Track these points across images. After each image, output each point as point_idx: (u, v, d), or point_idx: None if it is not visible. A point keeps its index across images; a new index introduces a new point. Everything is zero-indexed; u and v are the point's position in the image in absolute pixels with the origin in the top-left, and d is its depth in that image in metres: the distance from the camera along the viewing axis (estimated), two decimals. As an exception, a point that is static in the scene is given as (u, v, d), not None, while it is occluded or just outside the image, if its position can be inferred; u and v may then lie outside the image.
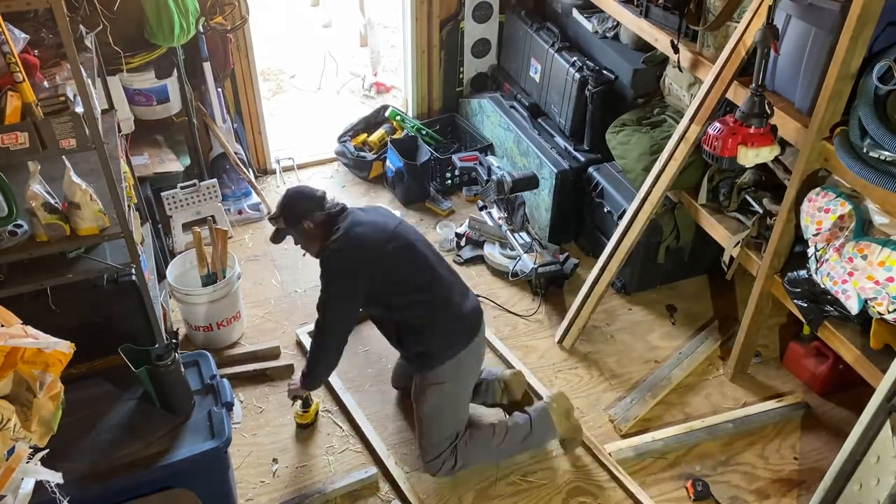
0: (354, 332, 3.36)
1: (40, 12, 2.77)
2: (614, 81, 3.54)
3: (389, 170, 4.20)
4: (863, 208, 2.38)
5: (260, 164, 4.37)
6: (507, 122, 4.03)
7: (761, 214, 2.88)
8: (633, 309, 3.53)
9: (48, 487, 1.57)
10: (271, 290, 3.62)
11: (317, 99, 5.32)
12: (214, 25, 3.59)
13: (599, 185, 3.52)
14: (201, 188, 3.71)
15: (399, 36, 4.57)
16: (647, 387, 3.11)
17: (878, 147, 2.17)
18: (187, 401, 2.37)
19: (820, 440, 2.92)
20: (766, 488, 2.76)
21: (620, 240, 3.11)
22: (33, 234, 2.31)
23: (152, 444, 2.25)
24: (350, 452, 2.87)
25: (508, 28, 4.26)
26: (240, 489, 2.70)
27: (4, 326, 1.55)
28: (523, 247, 3.57)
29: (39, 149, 2.08)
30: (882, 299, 2.25)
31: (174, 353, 2.27)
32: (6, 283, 2.33)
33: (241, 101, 4.07)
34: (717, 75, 2.76)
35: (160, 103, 3.60)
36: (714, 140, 2.50)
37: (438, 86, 4.52)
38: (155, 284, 2.93)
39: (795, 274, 2.63)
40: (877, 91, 2.20)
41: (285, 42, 5.99)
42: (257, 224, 4.03)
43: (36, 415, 1.54)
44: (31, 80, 2.08)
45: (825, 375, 3.03)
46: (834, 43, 2.28)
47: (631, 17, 3.27)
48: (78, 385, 2.36)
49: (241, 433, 2.91)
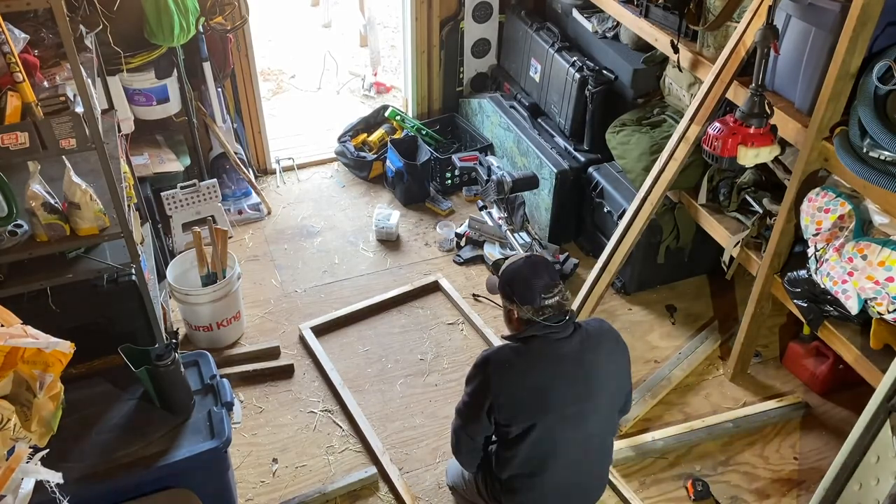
0: (354, 332, 3.38)
1: (40, 12, 2.77)
2: (614, 81, 3.54)
3: (389, 170, 4.20)
4: (863, 208, 2.38)
5: (260, 164, 4.37)
6: (507, 122, 4.03)
7: (761, 214, 2.88)
8: (633, 309, 3.53)
9: (48, 487, 1.56)
10: (271, 290, 3.62)
11: (317, 99, 5.32)
12: (214, 25, 3.59)
13: (599, 185, 3.52)
14: (201, 188, 3.71)
15: (399, 36, 4.58)
16: (646, 387, 3.11)
17: (877, 147, 2.17)
18: (187, 401, 2.36)
19: (820, 440, 2.92)
20: (766, 488, 2.76)
21: (620, 240, 3.11)
22: (33, 234, 2.31)
23: (152, 444, 2.25)
24: (350, 452, 2.87)
25: (508, 28, 4.26)
26: (240, 489, 2.70)
27: (4, 326, 1.55)
28: (523, 247, 3.56)
29: (39, 149, 2.08)
30: (882, 299, 2.25)
31: (174, 353, 2.26)
32: (6, 283, 2.33)
33: (241, 101, 4.07)
34: (717, 75, 2.76)
35: (160, 103, 3.61)
36: (714, 140, 2.50)
37: (438, 86, 4.52)
38: (155, 284, 2.93)
39: (795, 274, 2.63)
40: (877, 91, 2.20)
41: (285, 42, 5.99)
42: (257, 224, 4.03)
43: (36, 415, 1.54)
44: (31, 80, 2.08)
45: (825, 375, 3.03)
46: (834, 43, 2.28)
47: (631, 17, 3.27)
48: (78, 385, 2.36)
49: (241, 433, 2.91)
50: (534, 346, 2.02)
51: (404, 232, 3.98)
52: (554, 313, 2.00)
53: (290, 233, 3.99)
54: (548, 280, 2.01)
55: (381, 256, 3.84)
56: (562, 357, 2.02)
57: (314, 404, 3.05)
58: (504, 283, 2.08)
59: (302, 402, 3.06)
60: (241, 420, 2.95)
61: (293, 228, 4.02)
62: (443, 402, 3.06)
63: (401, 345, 3.33)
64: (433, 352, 3.30)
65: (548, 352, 2.02)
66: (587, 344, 2.04)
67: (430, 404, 3.07)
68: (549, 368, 2.02)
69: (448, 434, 2.90)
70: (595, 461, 2.19)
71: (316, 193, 4.28)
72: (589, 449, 2.13)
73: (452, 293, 3.55)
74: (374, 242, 3.92)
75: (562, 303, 2.02)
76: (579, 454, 2.10)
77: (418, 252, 3.86)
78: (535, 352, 2.02)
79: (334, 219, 4.08)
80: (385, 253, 3.86)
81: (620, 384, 2.15)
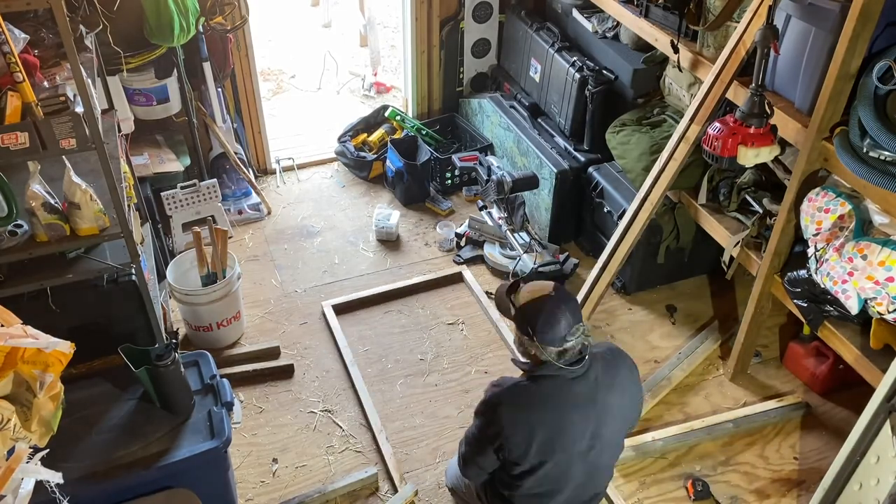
0: (354, 333, 3.38)
1: (40, 12, 2.77)
2: (614, 81, 3.54)
3: (389, 170, 4.20)
4: (863, 208, 2.38)
5: (260, 164, 4.37)
6: (507, 122, 4.03)
7: (761, 214, 2.88)
8: (633, 309, 3.53)
9: (48, 487, 1.56)
10: (271, 290, 3.62)
11: (317, 99, 5.32)
12: (214, 25, 3.59)
13: (599, 185, 3.52)
14: (201, 188, 3.71)
15: (399, 36, 4.58)
16: (647, 387, 3.11)
17: (877, 147, 2.17)
18: (187, 401, 2.36)
19: (820, 440, 2.92)
20: (766, 488, 2.76)
21: (620, 240, 3.11)
22: (33, 234, 2.31)
23: (152, 444, 2.25)
24: (350, 452, 2.87)
25: (508, 28, 4.26)
26: (240, 489, 2.70)
27: (4, 326, 1.55)
28: (523, 247, 3.57)
29: (39, 149, 2.08)
30: (882, 299, 2.25)
31: (174, 353, 2.26)
32: (6, 283, 2.33)
33: (241, 101, 4.07)
34: (717, 75, 2.76)
35: (160, 103, 3.61)
36: (714, 140, 2.50)
37: (438, 86, 4.52)
38: (155, 284, 2.93)
39: (795, 274, 2.63)
40: (877, 91, 2.20)
41: (285, 42, 5.99)
42: (257, 224, 4.03)
43: (36, 415, 1.54)
44: (31, 80, 2.07)
45: (825, 375, 3.03)
46: (834, 43, 2.28)
47: (631, 17, 3.27)
48: (78, 385, 2.36)
49: (241, 433, 2.91)
50: (547, 387, 1.95)
51: (404, 232, 3.98)
52: (574, 356, 1.93)
53: (290, 233, 3.99)
54: (571, 320, 1.90)
55: (381, 256, 3.84)
56: (576, 398, 1.95)
57: (314, 404, 3.05)
58: (524, 319, 1.94)
59: (302, 402, 3.06)
60: (241, 420, 2.95)
61: (293, 228, 4.02)
62: (443, 402, 3.06)
63: (401, 345, 3.33)
64: (433, 352, 3.30)
65: (563, 393, 1.95)
66: (602, 381, 1.98)
67: (430, 404, 3.07)
68: (563, 411, 1.95)
69: (448, 434, 2.91)
70: (599, 482, 2.18)
71: (316, 193, 4.28)
72: (595, 473, 2.11)
73: (474, 286, 3.59)
74: (374, 242, 3.92)
75: (584, 344, 1.93)
76: (585, 478, 2.08)
77: (418, 252, 3.86)
78: (549, 394, 1.95)
79: (334, 219, 4.08)
80: (385, 253, 3.86)
81: (633, 413, 2.12)
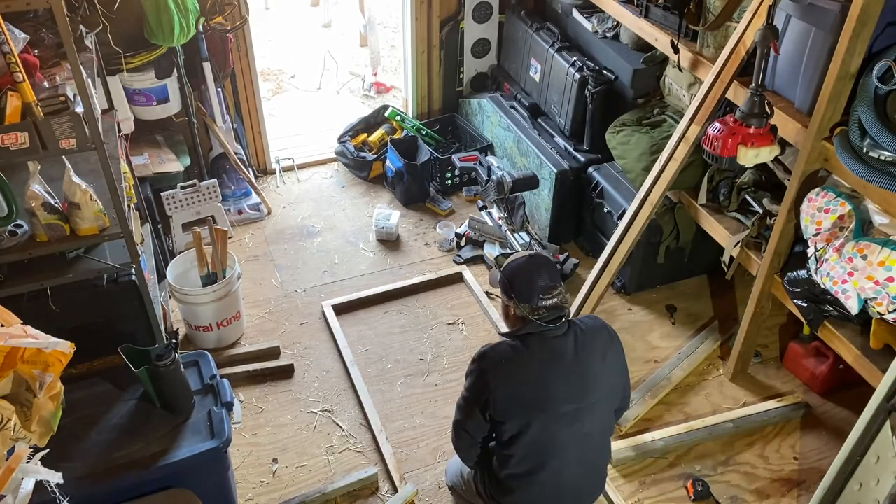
0: (354, 333, 3.38)
1: (40, 12, 2.77)
2: (614, 81, 3.54)
3: (389, 170, 4.20)
4: (863, 208, 2.38)
5: (260, 164, 4.37)
6: (507, 122, 4.03)
7: (761, 214, 2.88)
8: (633, 309, 3.53)
9: (48, 487, 1.56)
10: (271, 290, 3.62)
11: (317, 99, 5.32)
12: (214, 25, 3.59)
13: (599, 185, 3.52)
14: (201, 188, 3.71)
15: (399, 36, 4.58)
16: (647, 387, 3.11)
17: (877, 147, 2.17)
18: (187, 401, 2.36)
19: (820, 440, 2.92)
20: (766, 488, 2.76)
21: (620, 240, 3.11)
22: (33, 234, 2.31)
23: (152, 444, 2.25)
24: (350, 452, 2.87)
25: (508, 28, 4.26)
26: (240, 489, 2.70)
27: (4, 326, 1.55)
28: (523, 247, 3.56)
29: (39, 149, 2.08)
30: (882, 299, 2.25)
31: (174, 353, 2.27)
32: (6, 283, 2.33)
33: (241, 101, 4.07)
34: (717, 75, 2.76)
35: (160, 103, 3.61)
36: (714, 140, 2.50)
37: (438, 86, 4.52)
38: (155, 284, 2.93)
39: (795, 274, 2.63)
40: (877, 91, 2.20)
41: (285, 42, 5.99)
42: (257, 224, 4.03)
43: (36, 415, 1.54)
44: (31, 80, 2.08)
45: (825, 375, 3.03)
46: (834, 43, 2.28)
47: (631, 17, 3.27)
48: (78, 385, 2.36)
49: (241, 433, 2.91)
50: (530, 343, 2.03)
51: (404, 232, 3.98)
52: (550, 314, 2.01)
53: (290, 233, 3.99)
54: (548, 281, 2.02)
55: (381, 256, 3.84)
56: (557, 355, 2.03)
57: (314, 404, 3.05)
58: (505, 278, 2.08)
59: (302, 402, 3.06)
60: (241, 420, 2.95)
61: (293, 228, 4.02)
62: (443, 402, 3.06)
63: (401, 345, 3.33)
64: (433, 352, 3.30)
65: (544, 350, 2.03)
66: (581, 341, 2.05)
67: (430, 404, 3.07)
68: (545, 366, 2.03)
69: (448, 434, 2.90)
70: (593, 460, 2.19)
71: (316, 193, 4.28)
72: (586, 448, 2.13)
73: (474, 286, 3.59)
74: (374, 242, 3.92)
75: (560, 305, 2.02)
76: (577, 453, 2.11)
77: (418, 252, 3.86)
78: (532, 349, 2.03)
79: (334, 219, 4.08)
80: (385, 253, 3.86)
81: (617, 381, 2.15)
